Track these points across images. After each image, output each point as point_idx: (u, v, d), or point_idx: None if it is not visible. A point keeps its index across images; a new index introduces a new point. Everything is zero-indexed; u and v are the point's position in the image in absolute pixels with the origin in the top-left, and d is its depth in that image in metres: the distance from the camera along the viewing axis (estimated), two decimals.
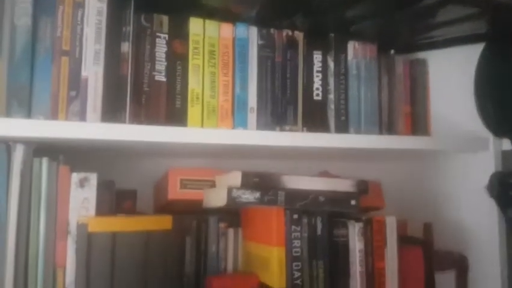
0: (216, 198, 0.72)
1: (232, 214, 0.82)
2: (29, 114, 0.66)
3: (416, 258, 0.82)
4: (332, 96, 0.87)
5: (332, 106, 0.86)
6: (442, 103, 0.96)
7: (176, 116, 0.76)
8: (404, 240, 0.83)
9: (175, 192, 0.76)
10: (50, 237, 0.62)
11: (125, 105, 0.72)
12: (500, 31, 0.84)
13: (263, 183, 0.71)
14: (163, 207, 0.81)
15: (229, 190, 0.68)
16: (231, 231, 0.82)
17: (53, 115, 0.67)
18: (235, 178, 0.70)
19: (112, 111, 0.71)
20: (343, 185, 0.76)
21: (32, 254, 0.61)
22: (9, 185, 0.61)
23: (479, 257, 0.88)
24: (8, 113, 0.64)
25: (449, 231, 0.93)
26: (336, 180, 0.77)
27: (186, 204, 0.78)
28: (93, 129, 0.64)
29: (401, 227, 0.84)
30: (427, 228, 0.96)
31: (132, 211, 0.78)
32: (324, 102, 0.86)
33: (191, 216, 0.79)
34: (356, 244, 0.77)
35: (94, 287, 0.61)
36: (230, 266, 0.81)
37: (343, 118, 0.87)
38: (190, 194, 0.77)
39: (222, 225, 0.81)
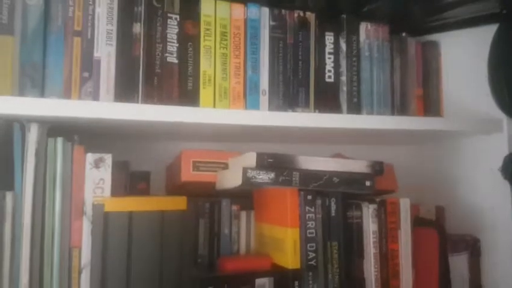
0: (231, 179, 0.71)
1: (245, 197, 0.82)
2: (42, 95, 0.66)
3: (430, 240, 0.81)
4: (344, 78, 0.86)
5: (344, 88, 0.86)
6: (455, 85, 0.95)
7: (188, 97, 0.75)
8: (418, 222, 0.82)
9: (188, 174, 0.76)
10: (66, 217, 0.62)
11: (138, 87, 0.72)
12: None
13: (278, 164, 0.70)
14: (176, 189, 0.81)
15: (244, 170, 0.68)
16: (243, 214, 0.82)
17: (66, 96, 0.67)
18: (250, 159, 0.69)
19: (124, 93, 0.71)
20: (358, 166, 0.75)
21: (48, 234, 0.61)
22: (25, 164, 0.60)
23: (493, 239, 0.87)
24: (21, 93, 0.64)
25: (462, 214, 0.93)
26: (350, 161, 0.76)
27: (199, 186, 0.78)
28: (106, 108, 0.64)
29: (414, 210, 0.83)
30: (439, 211, 0.96)
31: (146, 192, 0.78)
32: (336, 84, 0.86)
33: (204, 199, 0.79)
34: (370, 226, 0.77)
35: (110, 266, 0.61)
36: (243, 248, 0.81)
37: (355, 100, 0.86)
38: (202, 176, 0.77)
39: (234, 207, 0.81)
